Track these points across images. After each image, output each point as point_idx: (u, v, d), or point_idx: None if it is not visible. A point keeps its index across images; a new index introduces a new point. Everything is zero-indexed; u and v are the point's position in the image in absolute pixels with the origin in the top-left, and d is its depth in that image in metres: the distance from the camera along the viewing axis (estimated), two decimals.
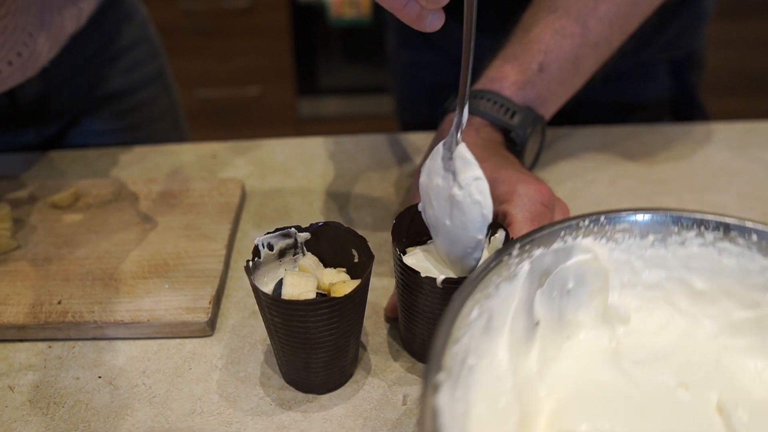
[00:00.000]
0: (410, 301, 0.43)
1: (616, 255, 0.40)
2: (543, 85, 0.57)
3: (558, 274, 0.38)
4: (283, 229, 0.43)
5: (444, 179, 0.41)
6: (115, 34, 0.80)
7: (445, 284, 0.40)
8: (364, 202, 0.64)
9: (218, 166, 0.70)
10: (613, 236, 0.40)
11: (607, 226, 0.39)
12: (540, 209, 0.47)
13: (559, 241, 0.38)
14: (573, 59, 0.58)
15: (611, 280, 0.41)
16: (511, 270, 0.36)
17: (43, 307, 0.49)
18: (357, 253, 0.43)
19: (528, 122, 0.56)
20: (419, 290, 0.42)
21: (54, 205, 0.60)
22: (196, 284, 0.51)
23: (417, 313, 0.44)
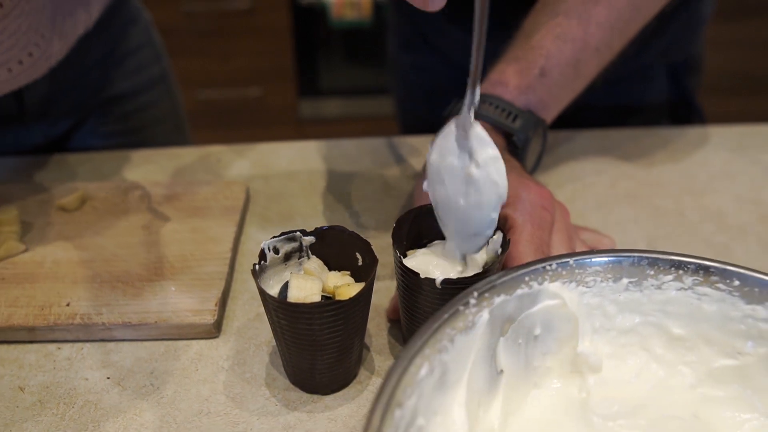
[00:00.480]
0: (411, 302, 0.44)
1: (587, 299, 0.38)
2: (544, 90, 0.58)
3: (523, 320, 0.37)
4: (288, 233, 0.44)
5: (459, 159, 0.41)
6: (121, 38, 0.81)
7: (444, 285, 0.41)
8: (366, 205, 0.65)
9: (222, 169, 0.70)
10: (583, 280, 0.38)
11: (577, 269, 0.38)
12: (541, 213, 0.48)
13: (524, 287, 0.36)
14: (574, 64, 0.59)
15: (582, 325, 0.39)
16: (469, 320, 0.35)
17: (52, 309, 0.50)
18: (361, 256, 0.44)
19: (529, 126, 0.56)
20: (419, 291, 0.43)
21: (61, 208, 0.61)
22: (202, 286, 0.52)
23: (418, 313, 0.44)
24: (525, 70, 0.57)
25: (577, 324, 0.39)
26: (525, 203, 0.48)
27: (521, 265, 0.37)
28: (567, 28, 0.58)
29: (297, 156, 0.73)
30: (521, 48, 0.59)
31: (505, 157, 0.55)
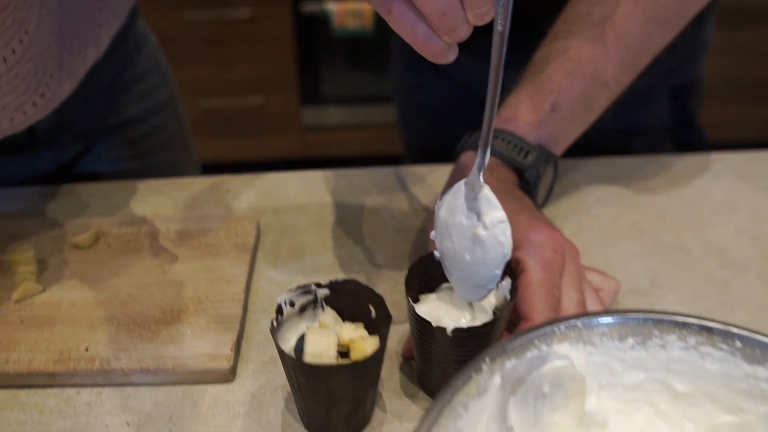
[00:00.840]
0: (424, 347, 0.46)
1: (594, 358, 0.40)
2: (555, 125, 0.59)
3: (532, 380, 0.38)
4: (304, 287, 0.45)
5: (467, 218, 0.43)
6: (129, 64, 0.82)
7: (455, 334, 0.43)
8: (375, 240, 0.66)
9: (232, 200, 0.72)
10: (590, 340, 0.39)
11: (584, 330, 0.39)
12: (552, 256, 0.49)
13: (533, 350, 0.38)
14: (584, 99, 0.60)
15: (589, 383, 0.40)
16: (481, 385, 0.36)
17: (71, 353, 0.51)
18: (374, 309, 0.45)
19: (541, 161, 0.57)
20: (431, 338, 0.44)
21: (75, 245, 0.62)
22: (217, 330, 0.53)
23: (431, 358, 0.46)
24: (536, 106, 0.58)
25: (584, 382, 0.40)
26: (536, 247, 0.49)
27: (530, 329, 0.38)
28: (578, 64, 0.59)
29: (305, 187, 0.74)
30: (532, 83, 0.60)
31: (517, 193, 0.57)
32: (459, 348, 0.44)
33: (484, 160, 0.42)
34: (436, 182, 0.74)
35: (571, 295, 0.49)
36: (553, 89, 0.58)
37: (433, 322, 0.44)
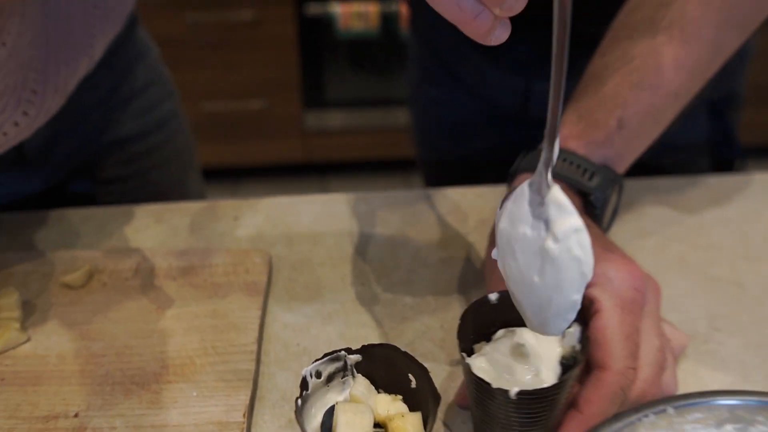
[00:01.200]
0: (483, 407, 0.40)
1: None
2: (622, 142, 0.53)
3: None
4: (332, 354, 0.38)
5: (533, 228, 0.35)
6: (128, 75, 0.76)
7: (519, 397, 0.37)
8: (401, 276, 0.59)
9: (241, 230, 0.65)
10: (681, 428, 0.34)
11: (676, 418, 0.34)
12: (632, 295, 0.43)
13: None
14: (652, 112, 0.54)
15: None
16: None
17: (58, 421, 0.44)
18: (415, 380, 0.38)
19: (607, 183, 0.52)
20: (491, 399, 0.39)
21: (66, 285, 0.55)
22: (227, 389, 0.46)
23: (492, 418, 0.40)
24: (601, 122, 0.53)
25: None
26: (613, 283, 0.43)
27: (613, 417, 0.32)
28: (644, 74, 0.53)
29: (320, 213, 0.67)
30: (594, 97, 0.54)
31: (586, 221, 0.50)
32: (523, 411, 0.38)
33: (552, 155, 0.34)
34: (467, 207, 0.67)
35: (652, 342, 0.43)
36: (619, 103, 0.52)
37: (492, 380, 0.38)
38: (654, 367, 0.42)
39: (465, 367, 0.39)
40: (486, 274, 0.52)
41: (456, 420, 0.46)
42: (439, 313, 0.55)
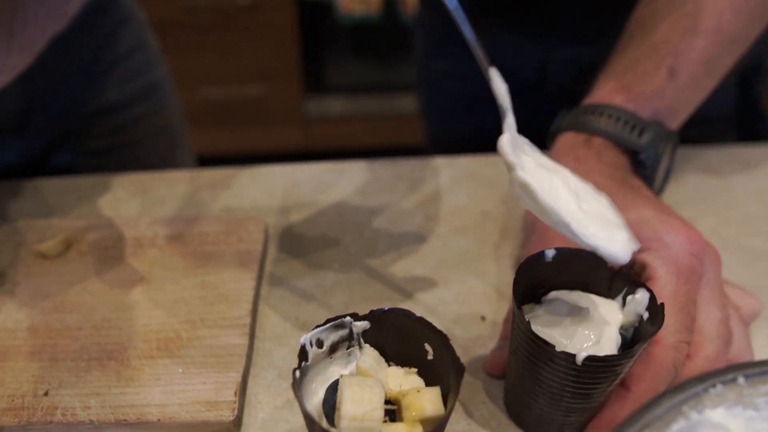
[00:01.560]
0: (533, 374, 0.35)
1: (755, 426, 0.29)
2: (673, 94, 0.48)
3: None
4: (335, 320, 0.33)
5: None
6: (110, 41, 0.70)
7: (586, 363, 0.32)
8: (408, 247, 0.54)
9: (234, 199, 0.60)
10: (752, 402, 0.29)
11: (746, 389, 0.29)
12: (689, 263, 0.39)
13: (680, 420, 0.28)
14: (707, 60, 0.49)
15: None
16: None
17: (25, 399, 0.39)
18: (432, 350, 0.33)
19: (659, 140, 0.47)
20: (548, 365, 0.34)
21: (41, 254, 0.50)
22: (217, 366, 0.41)
23: (541, 387, 0.35)
24: (650, 73, 0.48)
25: None
26: (670, 249, 0.39)
27: (676, 388, 0.27)
28: (698, 19, 0.48)
29: (319, 181, 0.62)
30: (641, 45, 0.49)
31: (634, 182, 0.45)
32: (584, 380, 0.34)
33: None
34: (478, 175, 0.62)
35: (712, 313, 0.38)
36: (669, 51, 0.48)
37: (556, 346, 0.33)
38: (717, 342, 0.37)
39: (523, 326, 0.34)
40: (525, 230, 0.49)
41: (474, 399, 0.41)
42: (453, 286, 0.50)
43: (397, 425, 0.31)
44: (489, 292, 0.50)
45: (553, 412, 0.36)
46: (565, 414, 0.36)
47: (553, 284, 0.39)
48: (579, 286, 0.38)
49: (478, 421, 0.40)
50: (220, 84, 1.92)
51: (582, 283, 0.38)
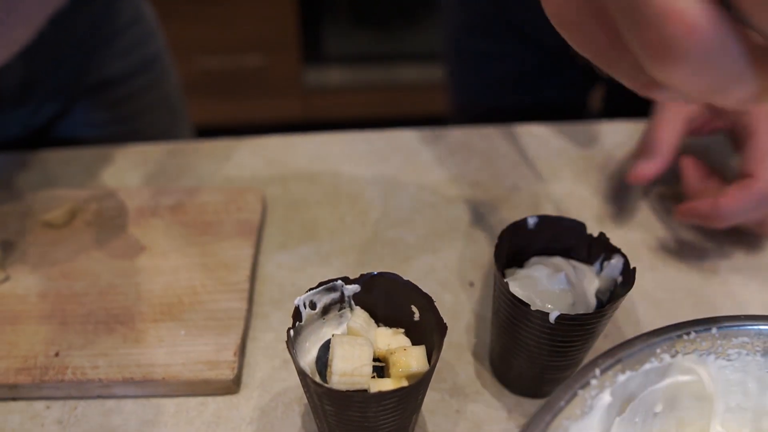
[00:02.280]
0: (513, 333, 0.37)
1: (726, 375, 0.32)
2: None
3: (645, 397, 0.31)
4: (327, 283, 0.35)
5: None
6: (108, 14, 0.71)
7: (558, 321, 0.34)
8: (403, 216, 0.56)
9: (233, 169, 0.61)
10: (724, 352, 0.31)
11: (720, 340, 0.31)
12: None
13: (653, 360, 0.30)
14: None
15: (716, 403, 0.32)
16: (587, 404, 0.28)
17: (37, 360, 0.42)
18: (419, 311, 0.35)
19: None
20: (525, 324, 0.36)
21: (47, 224, 0.52)
22: (218, 329, 0.44)
23: (519, 345, 0.38)
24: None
25: (711, 403, 0.31)
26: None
27: (652, 332, 0.29)
28: None
29: (317, 152, 0.63)
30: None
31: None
32: (558, 338, 0.36)
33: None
34: (472, 146, 0.63)
35: None
36: None
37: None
38: None
39: (502, 287, 0.36)
40: None
41: (461, 360, 0.44)
42: (443, 253, 0.52)
43: (385, 381, 0.33)
44: (478, 259, 0.52)
45: (531, 369, 0.38)
46: (542, 371, 0.38)
47: (535, 250, 0.41)
48: (560, 252, 0.40)
49: (464, 380, 0.43)
50: (217, 54, 1.91)
51: (562, 249, 0.40)
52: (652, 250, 0.52)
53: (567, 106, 0.81)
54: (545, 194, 0.58)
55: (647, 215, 0.56)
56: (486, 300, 0.48)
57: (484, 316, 0.47)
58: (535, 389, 0.40)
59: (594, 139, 0.64)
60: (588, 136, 0.65)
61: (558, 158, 0.62)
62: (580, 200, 0.57)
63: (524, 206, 0.56)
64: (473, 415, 0.40)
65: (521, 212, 0.55)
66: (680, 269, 0.51)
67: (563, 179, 0.59)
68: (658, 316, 0.47)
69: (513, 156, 0.62)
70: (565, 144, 0.64)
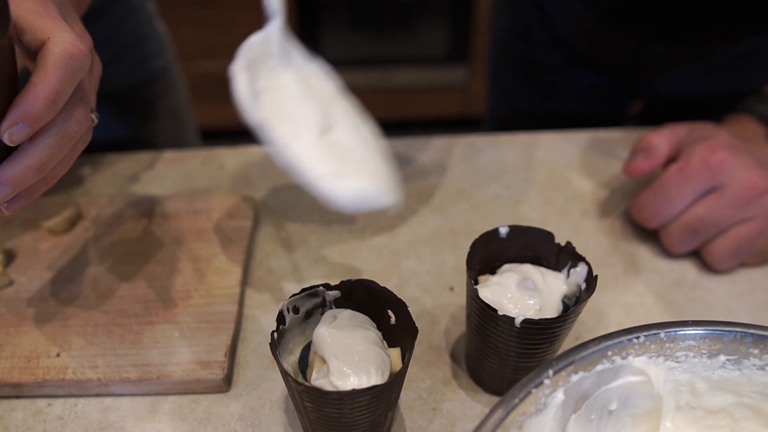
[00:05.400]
0: (484, 336, 0.40)
1: (674, 375, 0.34)
2: None
3: (599, 396, 0.33)
4: (309, 289, 0.38)
5: None
6: (118, 29, 0.74)
7: (523, 325, 0.37)
8: (389, 222, 0.58)
9: (227, 178, 0.64)
10: (673, 354, 0.33)
11: (667, 342, 0.33)
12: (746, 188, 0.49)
13: (605, 362, 0.32)
14: None
15: (666, 402, 0.34)
16: (541, 402, 0.30)
17: (40, 360, 0.44)
18: (394, 315, 0.38)
19: None
20: (494, 327, 0.39)
21: (48, 230, 0.55)
22: (210, 331, 0.46)
23: (490, 348, 0.40)
24: None
25: (661, 401, 0.34)
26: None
27: (604, 336, 0.32)
28: None
29: None
30: None
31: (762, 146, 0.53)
32: (525, 341, 0.38)
33: None
34: (458, 156, 0.66)
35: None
36: None
37: (497, 308, 0.38)
38: None
39: (472, 292, 0.38)
40: None
41: (438, 361, 0.46)
42: (426, 259, 0.55)
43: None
44: (459, 265, 0.54)
45: (502, 370, 0.41)
46: (513, 372, 0.41)
47: (507, 257, 0.43)
48: (530, 260, 0.43)
49: (441, 380, 0.45)
50: (217, 58, 1.94)
51: (533, 257, 0.43)
52: (628, 256, 0.55)
53: (603, 117, 0.84)
54: (527, 203, 0.60)
55: (619, 226, 0.58)
56: (464, 304, 0.51)
57: (462, 320, 0.49)
58: (507, 388, 0.43)
59: (596, 146, 0.67)
60: (596, 143, 0.67)
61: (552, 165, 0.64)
62: (558, 209, 0.60)
63: (505, 214, 0.59)
64: (449, 412, 0.43)
65: (502, 220, 0.58)
66: (654, 273, 0.53)
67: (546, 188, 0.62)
68: (628, 320, 0.50)
69: (499, 164, 0.65)
70: (569, 151, 0.66)
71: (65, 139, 0.36)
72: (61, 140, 0.35)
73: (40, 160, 0.35)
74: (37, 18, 0.35)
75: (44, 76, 0.33)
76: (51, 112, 0.34)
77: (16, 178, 0.34)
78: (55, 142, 0.35)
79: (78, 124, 0.36)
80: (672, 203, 0.51)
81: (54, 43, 0.34)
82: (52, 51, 0.34)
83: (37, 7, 0.36)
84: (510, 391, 0.30)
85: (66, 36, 0.35)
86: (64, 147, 0.36)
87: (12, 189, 0.35)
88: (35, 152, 0.34)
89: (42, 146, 0.35)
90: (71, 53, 0.34)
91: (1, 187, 0.34)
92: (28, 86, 0.33)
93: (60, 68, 0.34)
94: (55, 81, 0.33)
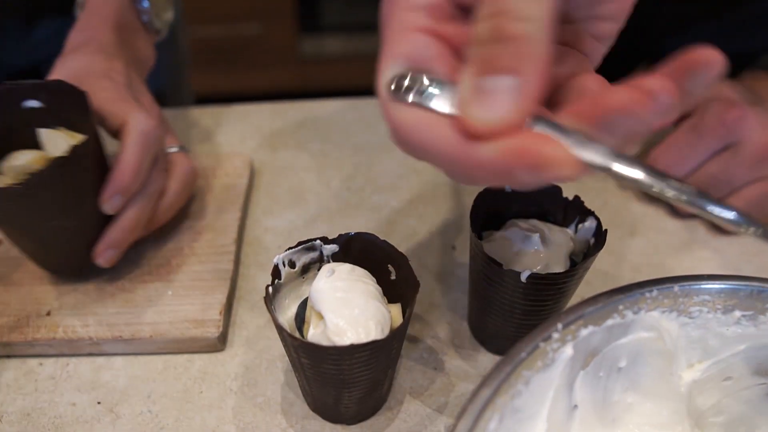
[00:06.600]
0: (487, 292, 0.39)
1: (687, 332, 0.32)
2: None
3: (608, 352, 0.31)
4: (306, 243, 0.36)
5: None
6: None
7: (529, 280, 0.35)
8: (388, 182, 0.57)
9: (222, 136, 0.62)
10: (686, 309, 0.32)
11: (681, 298, 0.31)
12: None
13: (616, 317, 0.31)
14: None
15: (677, 360, 0.33)
16: (548, 357, 0.29)
17: (30, 319, 0.43)
18: (395, 270, 0.36)
19: None
20: (499, 283, 0.37)
21: None
22: (204, 289, 0.45)
23: (493, 304, 0.39)
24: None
25: (672, 359, 0.32)
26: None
27: (615, 290, 0.30)
28: None
29: (306, 119, 0.64)
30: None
31: None
32: (530, 297, 0.37)
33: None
34: None
35: None
36: None
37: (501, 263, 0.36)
38: None
39: (477, 247, 0.37)
40: None
41: (441, 320, 0.45)
42: (427, 218, 0.53)
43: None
44: (461, 224, 0.53)
45: (506, 328, 0.39)
46: (516, 329, 0.39)
47: (512, 213, 0.41)
48: (536, 215, 0.41)
49: (443, 339, 0.44)
50: (214, 24, 1.90)
51: (539, 212, 0.41)
52: (636, 216, 0.53)
53: (612, 79, 0.81)
54: None
55: None
56: (467, 263, 0.49)
57: (464, 279, 0.48)
58: (510, 347, 0.42)
59: None
60: None
61: None
62: None
63: None
64: (450, 372, 0.42)
65: None
66: (663, 233, 0.52)
67: None
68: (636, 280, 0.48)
69: None
70: None
71: (149, 200, 0.43)
72: (146, 202, 0.43)
73: (133, 221, 0.42)
74: (114, 105, 0.43)
75: (127, 154, 0.41)
76: (137, 182, 0.41)
77: (118, 240, 0.42)
78: (142, 204, 0.43)
79: (156, 183, 0.44)
80: (684, 161, 0.49)
81: (131, 125, 0.42)
82: (130, 132, 0.42)
83: (112, 95, 0.43)
84: (517, 344, 0.29)
85: (139, 116, 0.42)
86: (149, 206, 0.43)
87: (117, 252, 0.43)
88: (129, 215, 0.42)
89: (133, 209, 0.42)
90: (146, 131, 0.42)
91: (109, 251, 0.42)
92: (116, 164, 0.41)
93: (138, 145, 0.41)
94: (135, 157, 0.41)
